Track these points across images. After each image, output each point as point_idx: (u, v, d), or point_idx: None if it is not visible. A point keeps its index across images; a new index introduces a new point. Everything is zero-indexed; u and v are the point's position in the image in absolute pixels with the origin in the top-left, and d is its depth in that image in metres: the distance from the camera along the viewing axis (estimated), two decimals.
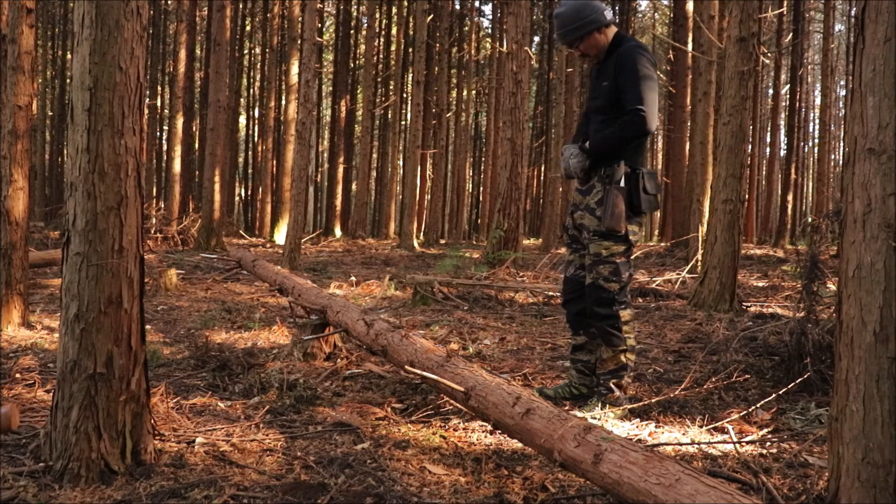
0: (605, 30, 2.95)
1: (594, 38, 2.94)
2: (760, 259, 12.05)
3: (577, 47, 2.97)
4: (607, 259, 2.98)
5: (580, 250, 3.18)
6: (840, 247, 1.81)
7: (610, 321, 3.00)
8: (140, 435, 2.21)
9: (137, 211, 2.18)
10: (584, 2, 2.93)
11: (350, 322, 3.62)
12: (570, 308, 3.22)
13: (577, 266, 3.19)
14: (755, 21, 6.15)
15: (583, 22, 2.90)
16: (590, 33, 2.92)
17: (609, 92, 2.96)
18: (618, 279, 2.99)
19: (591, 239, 3.02)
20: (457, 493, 2.15)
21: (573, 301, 3.19)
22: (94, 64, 2.07)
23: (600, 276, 2.98)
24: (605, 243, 2.98)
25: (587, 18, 2.89)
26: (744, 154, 6.15)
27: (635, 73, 2.87)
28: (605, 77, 3.00)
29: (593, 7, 2.91)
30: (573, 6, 2.93)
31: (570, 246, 3.24)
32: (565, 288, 3.25)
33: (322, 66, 29.77)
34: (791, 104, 22.42)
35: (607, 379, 3.05)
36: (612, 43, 3.00)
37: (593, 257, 3.00)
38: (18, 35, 4.47)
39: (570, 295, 3.20)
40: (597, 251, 3.00)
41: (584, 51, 2.98)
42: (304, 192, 10.37)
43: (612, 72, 2.94)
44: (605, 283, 2.98)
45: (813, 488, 2.16)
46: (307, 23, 10.70)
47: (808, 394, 3.25)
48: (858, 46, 1.76)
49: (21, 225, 4.49)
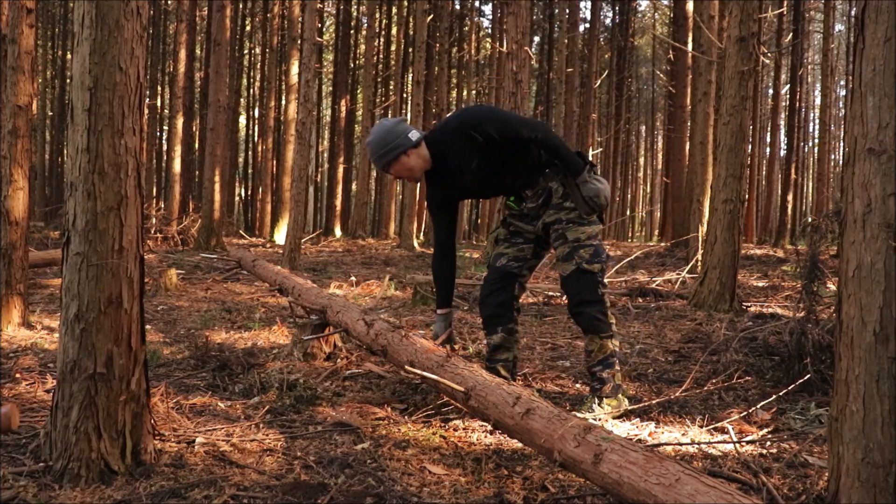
0: (412, 151, 3.01)
1: (402, 161, 3.01)
2: (760, 259, 12.05)
3: (389, 171, 3.05)
4: (586, 243, 3.00)
5: (519, 244, 3.18)
6: (840, 247, 1.81)
7: (598, 306, 2.99)
8: (140, 435, 2.21)
9: (137, 211, 2.18)
10: (388, 129, 3.02)
11: (350, 322, 3.62)
12: (492, 300, 3.16)
13: (511, 258, 3.18)
14: (755, 21, 6.15)
15: (388, 148, 2.99)
16: (397, 157, 3.00)
17: (493, 156, 3.01)
18: (599, 260, 3.00)
19: (566, 228, 3.03)
20: (457, 493, 2.15)
21: (497, 292, 3.15)
22: (94, 64, 2.07)
23: (583, 259, 2.98)
24: (580, 228, 3.02)
25: (391, 144, 2.98)
26: (744, 154, 6.15)
27: (499, 121, 2.97)
28: (464, 159, 3.03)
29: (397, 132, 3.00)
30: (378, 134, 3.02)
31: (509, 240, 3.22)
32: (491, 278, 3.19)
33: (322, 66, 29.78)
34: (791, 104, 22.43)
35: (599, 370, 3.02)
36: (436, 144, 3.06)
37: (572, 244, 3.01)
38: (18, 35, 4.47)
39: (496, 285, 3.16)
40: (575, 237, 3.01)
41: (396, 174, 3.06)
42: (304, 192, 10.37)
43: (473, 146, 2.99)
44: (589, 265, 2.98)
45: (813, 488, 2.16)
46: (307, 23, 10.70)
47: (808, 394, 3.25)
48: (858, 46, 1.76)
49: (21, 225, 4.49)
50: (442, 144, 3.04)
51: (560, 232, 3.05)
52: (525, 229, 3.19)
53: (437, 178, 3.14)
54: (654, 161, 40.90)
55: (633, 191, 38.99)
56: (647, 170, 41.54)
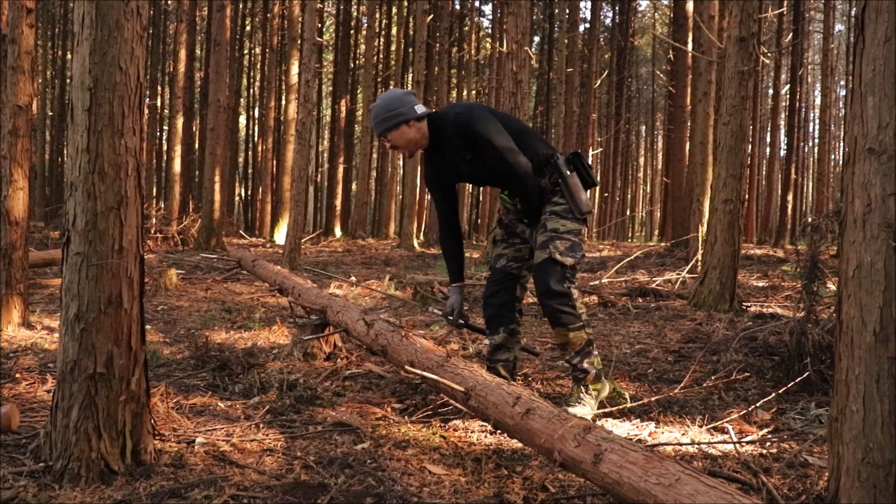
0: (414, 123, 3.04)
1: (402, 130, 3.03)
2: (760, 259, 12.05)
3: (387, 137, 3.07)
4: (564, 235, 3.00)
5: (517, 244, 3.20)
6: (840, 247, 1.81)
7: (563, 298, 2.97)
8: (140, 435, 2.21)
9: (137, 211, 2.18)
10: (396, 96, 3.04)
11: (350, 322, 3.62)
12: (494, 300, 3.17)
13: (510, 258, 3.19)
14: (755, 21, 6.15)
15: (392, 113, 3.01)
16: (398, 125, 3.02)
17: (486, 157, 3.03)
18: (573, 255, 2.99)
19: (548, 218, 3.04)
20: (457, 493, 2.15)
21: (499, 293, 3.17)
22: (94, 64, 2.07)
23: (556, 250, 2.97)
24: (562, 221, 3.02)
25: (395, 111, 3.01)
26: (744, 154, 6.15)
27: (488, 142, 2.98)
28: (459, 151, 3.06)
29: (404, 101, 3.03)
30: (385, 99, 3.05)
31: (506, 240, 3.24)
32: (493, 279, 3.21)
33: (322, 66, 29.77)
34: (791, 104, 22.42)
35: (578, 361, 3.01)
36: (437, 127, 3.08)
37: (550, 233, 3.00)
38: (18, 35, 4.47)
39: (498, 286, 3.18)
40: (554, 227, 3.01)
41: (393, 142, 3.07)
42: (304, 192, 10.37)
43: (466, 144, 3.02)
44: (561, 256, 2.96)
45: (813, 488, 2.16)
46: (307, 23, 10.70)
47: (808, 394, 3.25)
48: (858, 46, 1.76)
49: (21, 225, 4.49)
50: (442, 130, 3.06)
51: (542, 221, 3.07)
52: (518, 225, 3.21)
53: (434, 159, 3.17)
54: (654, 161, 40.89)
55: (633, 191, 38.99)
56: (647, 170, 41.53)
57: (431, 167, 3.20)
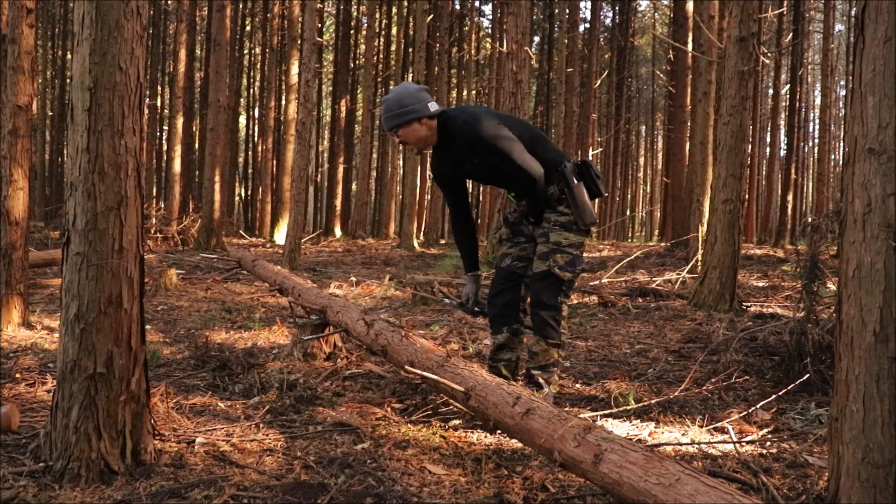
0: (426, 121, 3.02)
1: (413, 127, 3.01)
2: (760, 259, 12.04)
3: (397, 133, 3.05)
4: (566, 248, 3.01)
5: (522, 243, 3.20)
6: (840, 247, 1.81)
7: (552, 311, 3.00)
8: (140, 435, 2.21)
9: (137, 211, 2.18)
10: (410, 92, 3.02)
11: (350, 322, 3.62)
12: (498, 300, 3.18)
13: (515, 258, 3.20)
14: (755, 21, 6.15)
15: (405, 109, 2.98)
16: (409, 122, 3.00)
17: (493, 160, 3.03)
18: (572, 270, 3.01)
19: (551, 229, 3.04)
20: (457, 493, 2.15)
21: (504, 292, 3.17)
22: (94, 64, 2.07)
23: (556, 264, 2.99)
24: (565, 234, 3.03)
25: (408, 107, 2.98)
26: (744, 154, 6.15)
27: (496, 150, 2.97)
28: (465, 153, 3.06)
29: (418, 98, 3.00)
30: (399, 93, 3.03)
31: (511, 240, 3.24)
32: (498, 278, 3.21)
33: (322, 66, 29.76)
34: (791, 104, 22.42)
35: (537, 374, 3.02)
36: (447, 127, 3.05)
37: (552, 245, 3.02)
38: (18, 35, 4.47)
39: (502, 286, 3.18)
40: (557, 240, 3.02)
41: (402, 138, 3.05)
42: (304, 192, 10.37)
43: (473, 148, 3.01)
44: (560, 271, 2.99)
45: (813, 488, 2.16)
46: (307, 23, 10.70)
47: (808, 394, 3.25)
48: (858, 46, 1.76)
49: (21, 225, 4.49)
50: (452, 130, 3.05)
51: (545, 231, 3.07)
52: (524, 224, 3.21)
53: (442, 155, 3.17)
54: (654, 161, 40.87)
55: (633, 191, 38.98)
56: (647, 170, 41.52)
57: (439, 163, 3.20)
